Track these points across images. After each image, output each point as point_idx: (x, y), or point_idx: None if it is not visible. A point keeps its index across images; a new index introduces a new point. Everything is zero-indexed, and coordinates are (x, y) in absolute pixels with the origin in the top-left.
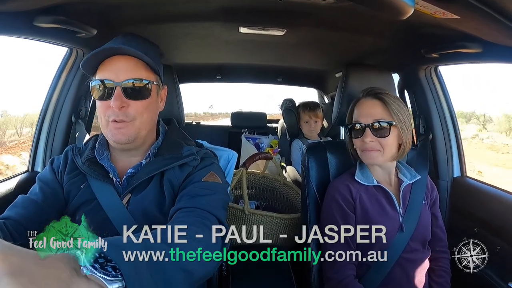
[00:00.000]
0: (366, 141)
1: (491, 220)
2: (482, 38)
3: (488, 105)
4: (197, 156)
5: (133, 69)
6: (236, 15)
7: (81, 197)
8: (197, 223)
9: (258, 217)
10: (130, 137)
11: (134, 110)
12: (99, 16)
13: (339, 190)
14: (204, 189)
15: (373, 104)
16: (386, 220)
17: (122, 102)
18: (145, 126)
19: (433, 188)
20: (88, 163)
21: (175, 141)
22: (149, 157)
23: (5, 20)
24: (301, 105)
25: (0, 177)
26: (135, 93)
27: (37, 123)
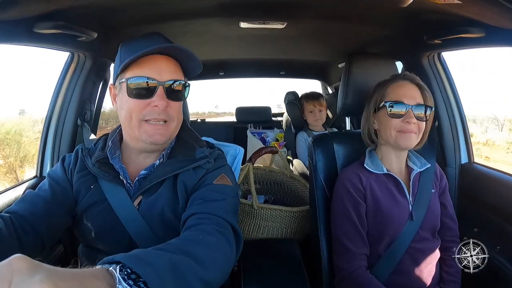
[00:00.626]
0: (410, 121)
1: (500, 205)
2: (485, 22)
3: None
4: (210, 159)
5: (174, 69)
6: (235, 10)
7: (91, 198)
8: (214, 232)
9: (267, 211)
10: (167, 138)
11: (174, 110)
12: (99, 19)
13: (350, 178)
14: (216, 192)
15: (413, 88)
16: (396, 208)
17: (166, 101)
18: (177, 128)
19: (442, 176)
20: (98, 164)
21: (188, 142)
22: (163, 158)
23: (5, 28)
24: (304, 96)
25: None
26: (176, 94)
27: (43, 128)
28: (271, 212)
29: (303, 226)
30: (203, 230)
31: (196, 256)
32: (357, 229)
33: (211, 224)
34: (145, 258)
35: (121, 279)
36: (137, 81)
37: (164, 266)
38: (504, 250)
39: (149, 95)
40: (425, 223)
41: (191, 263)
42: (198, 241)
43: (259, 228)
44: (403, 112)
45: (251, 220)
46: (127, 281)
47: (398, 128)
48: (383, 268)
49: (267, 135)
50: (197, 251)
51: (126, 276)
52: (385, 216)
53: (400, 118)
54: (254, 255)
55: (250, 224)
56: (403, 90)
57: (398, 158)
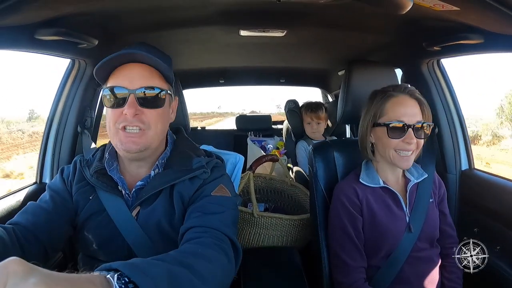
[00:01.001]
0: (411, 142)
1: (501, 211)
2: (483, 29)
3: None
4: (207, 169)
5: (147, 76)
6: (235, 18)
7: (90, 209)
8: (212, 246)
9: (267, 219)
10: (141, 146)
11: (149, 118)
12: (100, 27)
13: (345, 192)
14: (215, 205)
15: (413, 104)
16: (393, 221)
17: (136, 109)
18: (158, 137)
19: (440, 184)
20: (96, 175)
21: (184, 152)
22: (158, 168)
23: (6, 34)
24: (304, 106)
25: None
26: (150, 101)
27: (43, 134)
28: (271, 220)
29: (304, 234)
30: (201, 243)
31: (195, 269)
32: (354, 243)
33: (209, 238)
34: (143, 268)
35: (117, 286)
36: (107, 91)
37: (162, 277)
38: (505, 255)
39: (122, 103)
40: (423, 234)
41: (189, 276)
42: (196, 254)
43: (260, 236)
44: (402, 133)
45: (252, 229)
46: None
47: (397, 147)
48: (382, 279)
49: (268, 143)
50: (196, 264)
51: (123, 285)
52: (381, 229)
53: (399, 138)
54: (254, 263)
55: (250, 232)
56: (404, 108)
57: (395, 171)
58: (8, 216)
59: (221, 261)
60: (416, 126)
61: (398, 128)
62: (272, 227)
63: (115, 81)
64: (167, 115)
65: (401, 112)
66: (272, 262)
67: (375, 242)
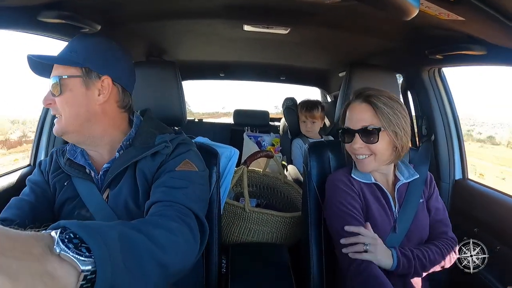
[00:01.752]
0: (355, 147)
1: (492, 222)
2: (487, 40)
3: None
4: (168, 143)
5: (54, 67)
6: (240, 12)
7: (65, 194)
8: (175, 218)
9: (258, 215)
10: (58, 131)
11: (58, 105)
12: (103, 12)
13: (341, 180)
14: (179, 179)
15: (362, 109)
16: (382, 218)
17: (46, 99)
18: (70, 121)
19: (431, 181)
20: (68, 162)
21: (148, 130)
22: (122, 150)
23: (9, 14)
24: (300, 104)
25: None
26: (54, 90)
27: (39, 117)
28: (262, 216)
29: (294, 232)
30: (164, 215)
31: (153, 235)
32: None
33: (172, 211)
34: (93, 226)
35: (59, 240)
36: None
37: (112, 235)
38: (492, 267)
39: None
40: (411, 235)
41: (146, 242)
42: (157, 223)
43: (250, 231)
44: (350, 138)
45: (242, 223)
46: (65, 243)
47: (351, 151)
48: None
49: (263, 139)
50: (154, 231)
51: (66, 239)
52: (374, 223)
53: (349, 143)
54: (243, 258)
55: (241, 226)
56: (351, 113)
57: (381, 172)
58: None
59: (183, 233)
60: (361, 132)
61: (345, 133)
62: (263, 223)
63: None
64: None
65: (348, 118)
66: (260, 258)
67: None
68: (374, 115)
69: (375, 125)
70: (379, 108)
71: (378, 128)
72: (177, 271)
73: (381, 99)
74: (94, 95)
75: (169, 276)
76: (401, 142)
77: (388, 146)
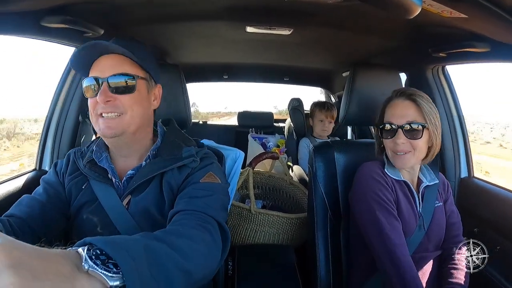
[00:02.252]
0: (398, 142)
1: (498, 221)
2: (490, 37)
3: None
4: (196, 157)
5: (117, 65)
6: (242, 14)
7: (83, 198)
8: (197, 227)
9: (264, 216)
10: (116, 131)
11: (122, 103)
12: (106, 16)
13: (376, 171)
14: (202, 190)
15: (406, 105)
16: (410, 215)
17: (106, 96)
18: (134, 121)
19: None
20: (89, 165)
21: (174, 142)
22: (149, 159)
23: (13, 20)
24: (318, 104)
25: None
26: (121, 87)
27: (44, 122)
28: (268, 217)
29: (300, 233)
30: (185, 224)
31: (176, 245)
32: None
33: (194, 220)
34: (118, 241)
35: (87, 257)
36: (85, 82)
37: (138, 249)
38: (499, 265)
39: (96, 92)
40: (431, 234)
41: (169, 251)
42: (178, 233)
43: (256, 233)
44: (392, 133)
45: (248, 225)
46: (93, 260)
47: (391, 148)
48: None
49: (268, 140)
50: (177, 240)
51: (93, 255)
52: (402, 220)
53: (391, 138)
54: (249, 260)
55: (247, 228)
56: (395, 109)
57: (410, 171)
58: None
59: (205, 240)
60: (405, 128)
61: (387, 129)
62: (269, 225)
63: (92, 72)
64: (146, 101)
65: (391, 114)
66: (267, 259)
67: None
68: (418, 112)
69: (420, 122)
70: (422, 105)
71: (424, 124)
72: (200, 278)
73: (422, 97)
74: (151, 100)
75: (193, 282)
76: (436, 141)
77: (425, 144)
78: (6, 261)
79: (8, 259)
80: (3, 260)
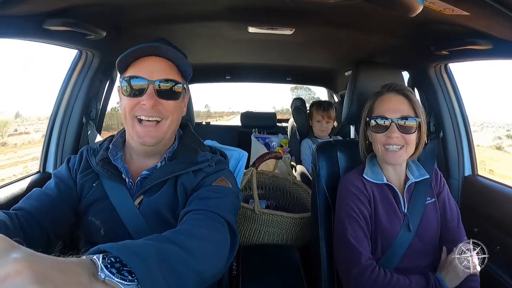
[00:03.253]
0: (392, 136)
1: (502, 218)
2: (492, 35)
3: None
4: (211, 162)
5: (167, 70)
6: (244, 14)
7: (93, 195)
8: (207, 226)
9: (268, 216)
10: (157, 139)
11: (166, 109)
12: (108, 18)
13: (353, 183)
14: (214, 192)
15: (399, 100)
16: (391, 219)
17: (155, 100)
18: (172, 128)
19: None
20: (101, 163)
21: (190, 146)
22: (165, 161)
23: (15, 23)
24: (315, 104)
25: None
26: (168, 93)
27: (48, 124)
28: (272, 217)
29: (304, 233)
30: (195, 224)
31: (185, 246)
32: (364, 231)
33: (205, 219)
34: (131, 247)
35: (103, 266)
36: (127, 80)
37: (151, 254)
38: (504, 263)
39: (140, 93)
40: (421, 233)
41: (180, 252)
42: (188, 233)
43: (260, 233)
44: (385, 128)
45: (252, 225)
46: (109, 269)
47: (383, 142)
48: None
49: (271, 140)
50: (187, 241)
51: (109, 264)
52: (381, 225)
53: (383, 132)
54: (253, 260)
55: (251, 228)
56: (388, 103)
57: (396, 169)
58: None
59: (214, 238)
60: (400, 120)
61: (381, 121)
62: (273, 225)
63: (135, 71)
64: (181, 108)
65: (384, 108)
66: (271, 259)
67: (374, 237)
68: (411, 107)
69: (414, 117)
70: (415, 101)
71: (418, 119)
72: (210, 276)
73: (413, 93)
74: (183, 107)
75: (204, 281)
76: (423, 136)
77: (415, 139)
78: (31, 277)
79: (33, 275)
80: (28, 275)
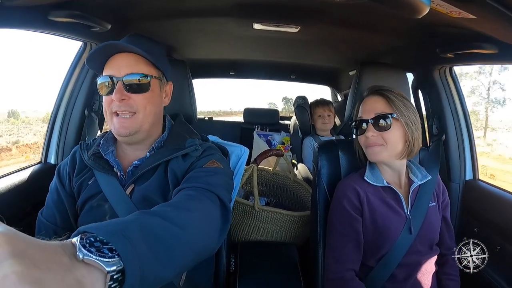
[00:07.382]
0: (368, 135)
1: (502, 224)
2: (498, 39)
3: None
4: (198, 147)
5: (133, 64)
6: (250, 11)
7: (88, 192)
8: (195, 199)
9: (268, 213)
10: (131, 130)
11: (136, 102)
12: (113, 11)
13: (346, 194)
14: (205, 172)
15: (375, 100)
16: (392, 221)
17: (122, 95)
18: (147, 119)
19: (444, 190)
20: (93, 157)
21: (179, 134)
22: (153, 150)
23: (20, 14)
24: (314, 102)
25: None
26: (135, 86)
27: (51, 115)
28: (272, 215)
29: (303, 231)
30: (183, 199)
31: (170, 216)
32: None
33: (194, 193)
34: (111, 224)
35: (81, 246)
36: (101, 80)
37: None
38: (503, 269)
39: (112, 90)
40: (422, 236)
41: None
42: (174, 205)
43: (259, 230)
44: (363, 129)
45: (251, 222)
46: (87, 248)
47: (364, 143)
48: (376, 278)
49: (273, 138)
50: (172, 212)
51: (87, 243)
52: (381, 229)
53: (362, 134)
54: (251, 256)
55: (250, 225)
56: (364, 105)
57: (394, 170)
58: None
59: (203, 210)
60: (375, 119)
61: (358, 125)
62: (272, 222)
63: (107, 70)
64: (158, 99)
65: (362, 110)
66: (269, 256)
67: (374, 241)
68: (387, 105)
69: (389, 113)
70: (391, 98)
71: (391, 113)
72: (201, 248)
73: (393, 92)
74: (162, 98)
75: (195, 254)
76: (413, 135)
77: (400, 139)
78: (9, 251)
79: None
80: (6, 249)
